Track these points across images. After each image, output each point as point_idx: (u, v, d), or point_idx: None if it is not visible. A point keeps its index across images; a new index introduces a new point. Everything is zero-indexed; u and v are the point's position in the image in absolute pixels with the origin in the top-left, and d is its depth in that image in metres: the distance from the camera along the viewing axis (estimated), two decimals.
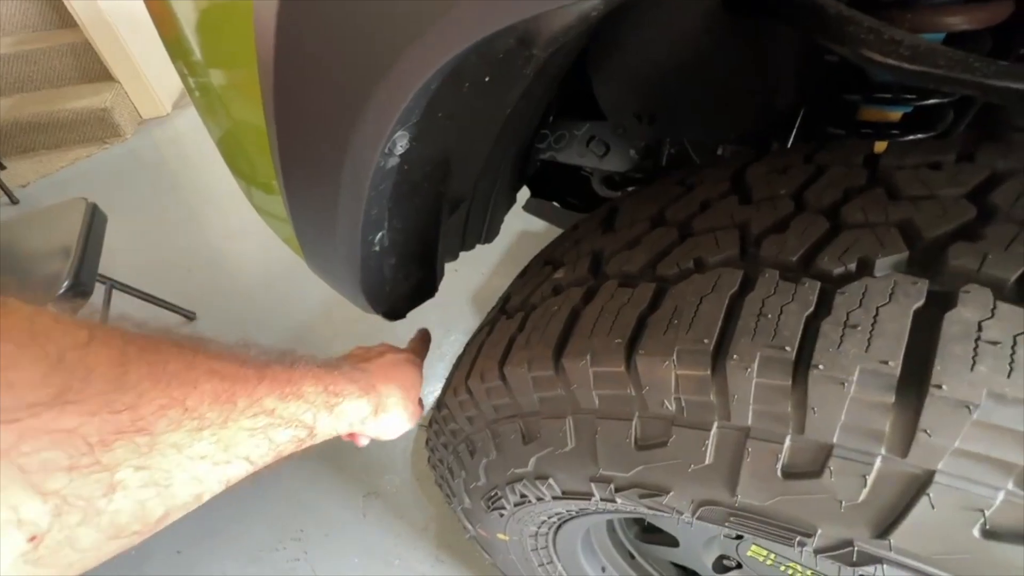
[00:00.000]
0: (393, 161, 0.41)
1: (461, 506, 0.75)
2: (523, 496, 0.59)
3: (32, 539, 0.22)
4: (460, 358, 0.64)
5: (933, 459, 0.29)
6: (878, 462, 0.31)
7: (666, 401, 0.38)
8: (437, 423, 0.68)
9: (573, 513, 0.62)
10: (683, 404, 0.37)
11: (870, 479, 0.31)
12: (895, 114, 0.72)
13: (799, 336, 0.33)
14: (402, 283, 0.72)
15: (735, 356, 0.34)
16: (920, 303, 0.31)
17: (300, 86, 0.36)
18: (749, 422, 0.35)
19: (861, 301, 0.33)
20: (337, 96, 0.35)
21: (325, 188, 0.42)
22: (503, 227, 1.06)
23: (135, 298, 1.68)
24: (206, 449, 0.31)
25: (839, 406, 0.31)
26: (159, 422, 0.28)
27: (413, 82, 0.32)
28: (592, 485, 0.47)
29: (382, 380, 0.54)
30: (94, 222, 1.44)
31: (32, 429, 0.22)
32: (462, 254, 1.03)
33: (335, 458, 1.43)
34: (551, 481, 0.52)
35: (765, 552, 0.68)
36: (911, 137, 0.61)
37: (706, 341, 0.35)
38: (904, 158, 0.44)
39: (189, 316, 1.81)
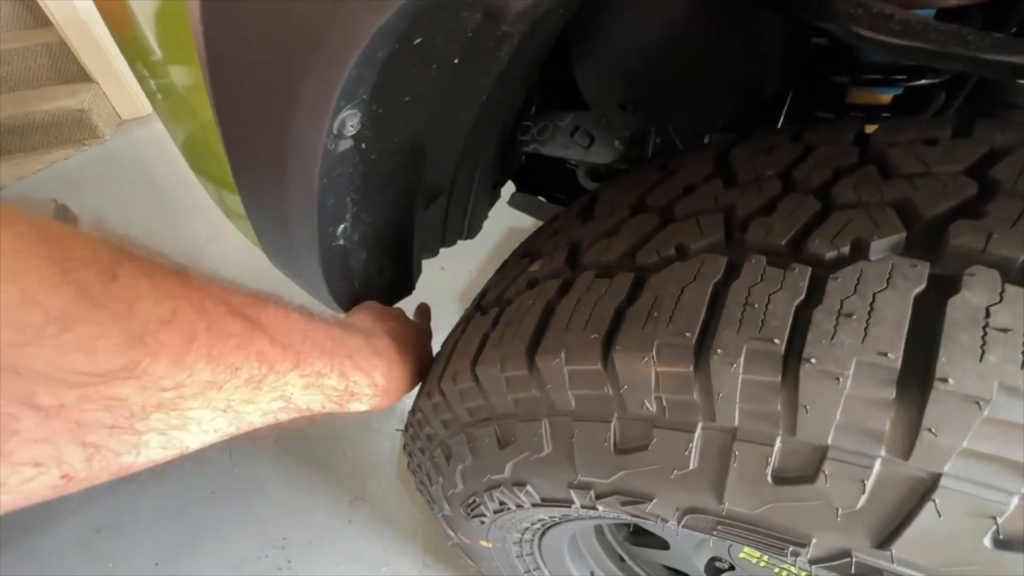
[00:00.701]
0: (345, 144, 0.38)
1: (442, 512, 0.71)
2: (502, 503, 0.55)
3: (64, 477, 0.25)
4: (435, 358, 0.61)
5: (939, 461, 0.26)
6: (878, 465, 0.28)
7: (646, 401, 0.35)
8: (412, 427, 0.64)
9: (557, 519, 0.59)
10: (664, 404, 0.34)
11: (869, 484, 0.28)
12: (885, 96, 0.69)
13: (789, 327, 0.30)
14: (374, 279, 0.68)
15: (719, 350, 0.31)
16: (921, 288, 0.28)
17: (233, 65, 0.32)
18: (736, 423, 0.32)
19: (856, 287, 0.29)
20: (270, 72, 0.31)
21: (272, 176, 0.39)
22: (491, 223, 1.03)
23: None
24: (220, 424, 0.33)
25: (834, 404, 0.28)
26: (195, 401, 0.30)
27: (349, 51, 0.29)
28: (571, 492, 0.44)
29: (401, 383, 0.54)
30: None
31: (95, 394, 0.25)
32: (450, 252, 1.00)
33: (320, 462, 1.39)
34: (529, 488, 0.48)
35: (758, 555, 0.65)
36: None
37: (688, 335, 0.32)
38: (897, 135, 0.41)
39: None
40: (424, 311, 0.79)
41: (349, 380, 0.47)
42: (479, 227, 0.96)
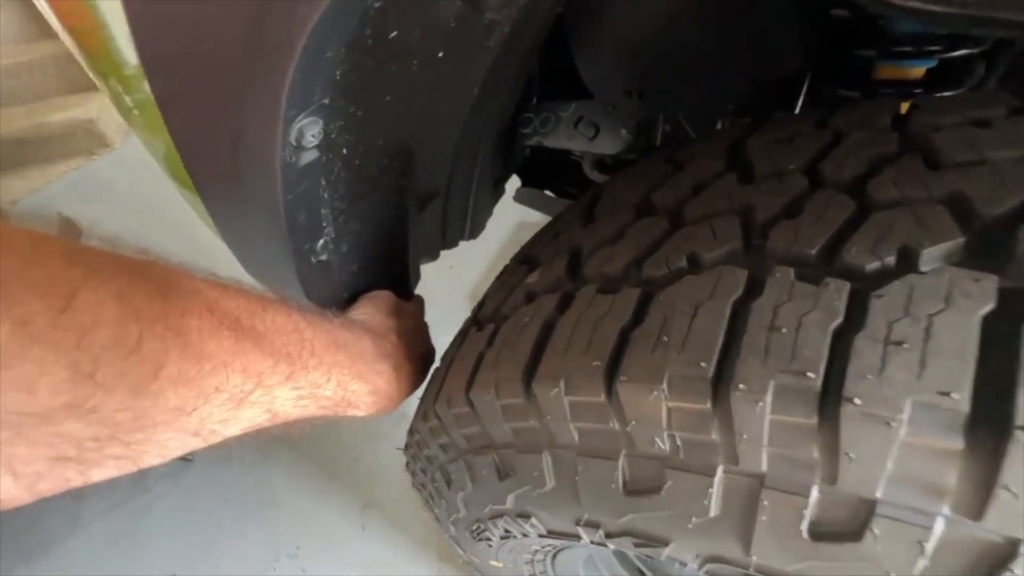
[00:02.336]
0: (309, 156, 0.33)
1: (448, 533, 0.68)
2: (507, 531, 0.51)
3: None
4: (433, 374, 0.57)
5: (1019, 525, 0.21)
6: (940, 525, 0.23)
7: (657, 439, 0.30)
8: (412, 447, 0.60)
9: (567, 545, 0.55)
10: (679, 443, 0.30)
11: (929, 547, 0.23)
12: (917, 70, 0.63)
13: (825, 357, 0.25)
14: (367, 291, 0.64)
15: (742, 385, 0.26)
16: (989, 308, 0.23)
17: (169, 69, 0.28)
18: (763, 468, 0.27)
19: (907, 307, 0.24)
20: (208, 79, 0.27)
21: (232, 194, 0.35)
22: (499, 218, 0.99)
23: None
24: (189, 443, 0.30)
25: (884, 452, 0.23)
26: (160, 428, 0.27)
27: (284, 54, 0.24)
28: (578, 528, 0.40)
29: (404, 385, 0.51)
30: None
31: (33, 432, 0.23)
32: (457, 249, 0.96)
33: (332, 469, 1.38)
34: (534, 520, 0.44)
35: None
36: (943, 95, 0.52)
37: (704, 364, 0.28)
38: (940, 116, 0.35)
39: None
40: (417, 305, 0.74)
41: (347, 390, 0.43)
42: (482, 226, 0.91)
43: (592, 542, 0.41)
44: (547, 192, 1.05)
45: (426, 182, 0.71)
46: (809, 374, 0.25)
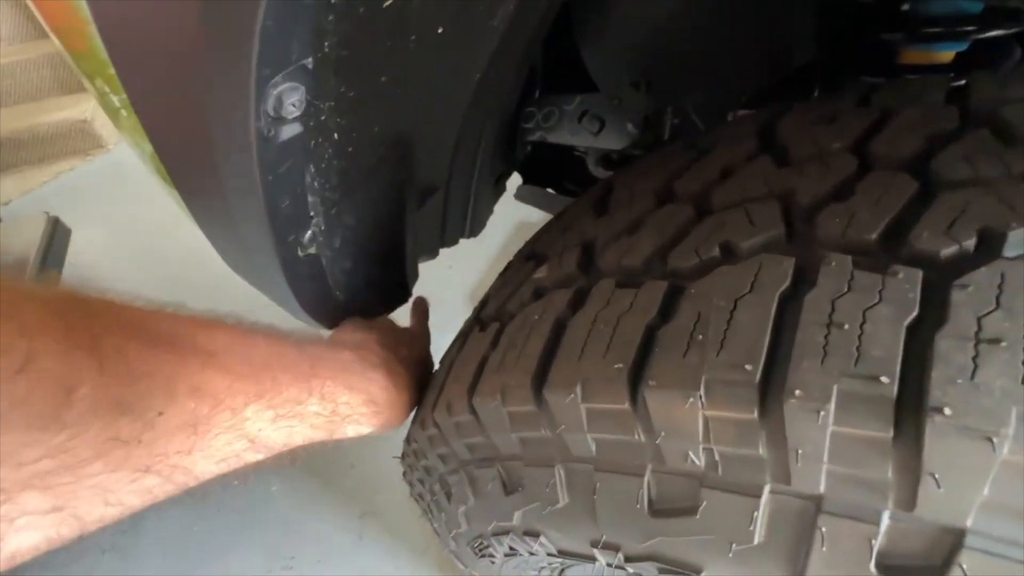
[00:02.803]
0: (291, 131, 0.29)
1: (448, 547, 0.63)
2: (513, 549, 0.47)
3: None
4: (433, 377, 0.53)
5: None
6: None
7: (691, 453, 0.26)
8: (409, 456, 0.56)
9: (577, 563, 0.50)
10: (717, 458, 0.25)
11: None
12: (946, 54, 0.59)
13: (899, 358, 0.21)
14: (362, 291, 0.60)
15: (798, 392, 0.22)
16: None
17: (131, 47, 0.24)
18: (822, 489, 0.23)
19: (998, 299, 0.20)
20: (167, 32, 0.23)
21: (204, 174, 0.31)
22: (499, 218, 0.95)
23: None
24: (151, 483, 0.27)
25: (981, 474, 0.19)
26: (93, 466, 0.23)
27: None
28: (594, 551, 0.36)
29: (403, 391, 0.47)
30: (55, 237, 1.34)
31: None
32: (457, 248, 0.92)
33: (328, 476, 1.33)
34: (543, 539, 0.40)
35: None
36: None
37: (749, 367, 0.23)
38: (1005, 89, 0.31)
39: None
40: (421, 308, 0.70)
41: (337, 402, 0.40)
42: (482, 224, 0.87)
43: (609, 565, 0.37)
44: (549, 190, 1.01)
45: (425, 175, 0.67)
46: (882, 379, 0.20)
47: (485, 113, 0.68)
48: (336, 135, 0.45)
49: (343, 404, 0.40)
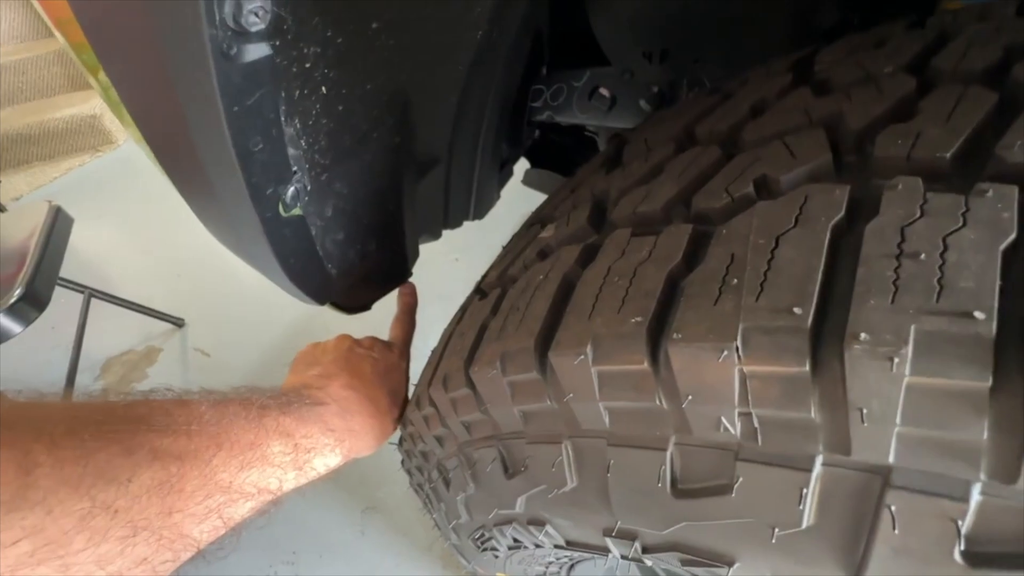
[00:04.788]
0: (257, 51, 0.25)
1: (449, 541, 0.59)
2: (516, 541, 0.43)
3: None
4: (431, 354, 0.49)
5: None
6: None
7: (725, 420, 0.22)
8: (406, 441, 0.52)
9: (587, 556, 0.46)
10: (756, 425, 0.21)
11: None
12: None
13: (996, 289, 0.16)
14: (356, 265, 0.56)
15: (862, 335, 0.17)
16: None
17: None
18: (891, 459, 0.18)
19: None
20: None
21: (161, 101, 0.27)
22: (508, 210, 0.91)
23: (120, 307, 1.57)
24: (143, 552, 0.26)
25: None
26: (76, 539, 0.24)
27: None
28: (607, 540, 0.31)
29: (360, 419, 0.45)
30: (56, 226, 1.33)
31: None
32: (464, 243, 0.88)
33: None
34: (549, 529, 0.36)
35: None
36: None
37: (798, 311, 0.19)
38: None
39: (177, 323, 1.71)
40: (407, 298, 0.65)
41: (295, 437, 0.37)
42: (488, 206, 0.83)
43: (625, 558, 0.32)
44: (558, 174, 0.97)
45: (425, 145, 0.63)
46: (976, 314, 0.16)
47: (488, 80, 0.63)
48: (324, 89, 0.41)
49: (302, 438, 0.38)
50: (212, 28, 0.22)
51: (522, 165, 0.93)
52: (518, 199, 0.96)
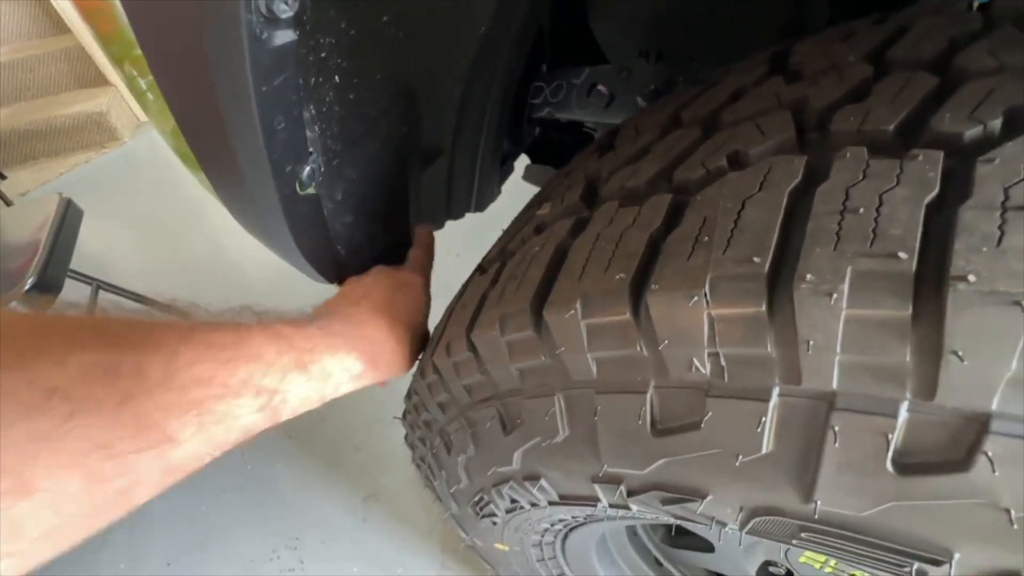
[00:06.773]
0: (284, 36, 0.29)
1: (449, 510, 0.62)
2: (514, 501, 0.46)
3: None
4: (433, 332, 0.52)
5: None
6: None
7: (696, 360, 0.25)
8: (410, 413, 0.55)
9: (581, 519, 0.49)
10: (723, 363, 0.24)
11: None
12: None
13: (918, 234, 0.19)
14: (364, 248, 0.59)
15: (809, 276, 0.20)
16: None
17: None
18: (834, 385, 0.21)
19: None
20: None
21: (195, 81, 0.30)
22: (509, 207, 0.94)
23: (126, 299, 1.60)
24: (99, 436, 0.25)
25: (1009, 347, 0.17)
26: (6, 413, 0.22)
27: None
28: (596, 487, 0.34)
29: (373, 324, 0.45)
30: (67, 217, 1.36)
31: None
32: (466, 240, 0.90)
33: (333, 457, 1.33)
34: (543, 483, 0.39)
35: (823, 559, 0.54)
36: None
37: (756, 259, 0.22)
38: None
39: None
40: (423, 241, 0.65)
41: (323, 358, 0.38)
42: (490, 199, 0.86)
43: (611, 505, 0.35)
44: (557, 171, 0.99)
45: (429, 135, 0.66)
46: (900, 254, 0.19)
47: (491, 75, 0.67)
48: (337, 78, 0.44)
49: (301, 340, 0.38)
50: (248, 14, 0.25)
51: (522, 163, 0.96)
52: (519, 195, 0.99)
